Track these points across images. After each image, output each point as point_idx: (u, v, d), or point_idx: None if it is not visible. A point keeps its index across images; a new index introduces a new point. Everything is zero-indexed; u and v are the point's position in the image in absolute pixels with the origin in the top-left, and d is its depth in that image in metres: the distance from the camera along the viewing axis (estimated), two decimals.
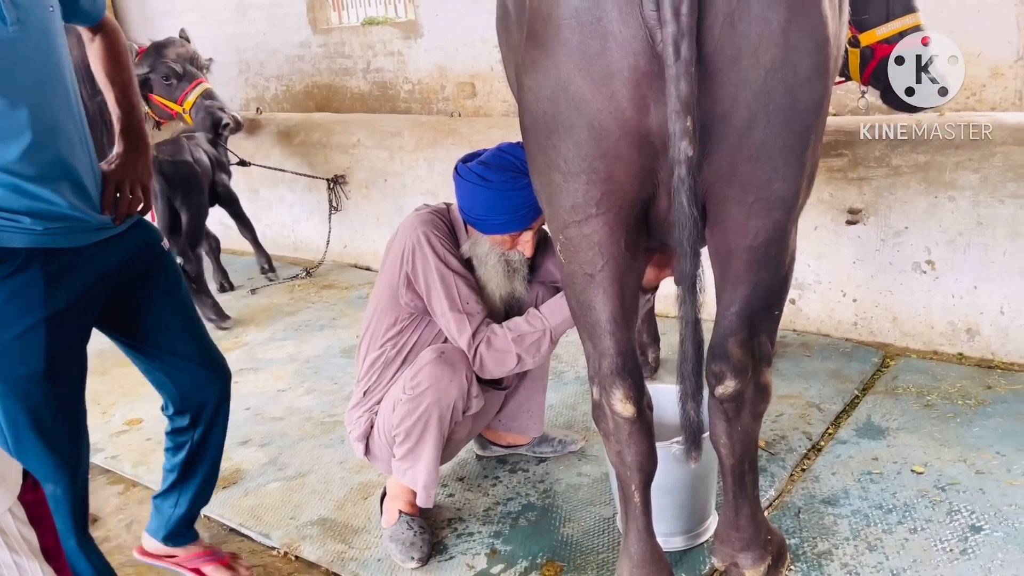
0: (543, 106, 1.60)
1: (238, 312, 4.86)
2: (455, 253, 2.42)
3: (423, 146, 4.98)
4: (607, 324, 1.80)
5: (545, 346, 2.39)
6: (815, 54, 1.53)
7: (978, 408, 2.97)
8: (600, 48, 1.48)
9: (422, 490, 2.49)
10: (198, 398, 2.24)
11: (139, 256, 2.07)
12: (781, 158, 1.61)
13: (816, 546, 2.36)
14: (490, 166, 2.33)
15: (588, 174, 1.61)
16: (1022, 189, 3.11)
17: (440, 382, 2.34)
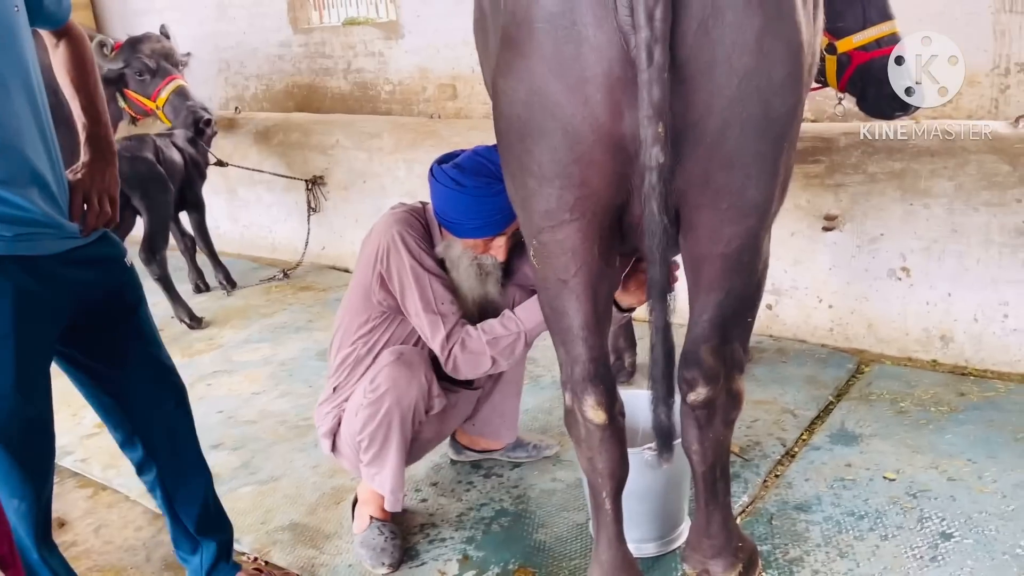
0: (517, 110, 1.59)
1: (213, 313, 4.81)
2: (430, 253, 2.40)
3: (402, 148, 4.95)
4: (579, 330, 1.79)
5: (519, 349, 2.37)
6: (789, 62, 1.53)
7: (951, 415, 2.98)
8: (574, 53, 1.47)
9: (389, 494, 2.47)
10: (150, 424, 2.16)
11: (105, 270, 2.02)
12: (754, 165, 1.60)
13: (788, 552, 2.36)
14: (465, 170, 2.31)
15: (562, 179, 1.59)
16: (996, 197, 3.13)
17: (399, 384, 2.32)
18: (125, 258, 2.09)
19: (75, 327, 1.99)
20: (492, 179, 2.28)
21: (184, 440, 2.26)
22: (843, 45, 2.93)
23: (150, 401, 2.16)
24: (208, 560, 2.32)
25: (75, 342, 2.03)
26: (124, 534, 2.80)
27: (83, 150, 2.04)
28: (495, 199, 2.28)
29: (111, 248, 2.05)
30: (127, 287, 2.09)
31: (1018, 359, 3.22)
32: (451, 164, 2.36)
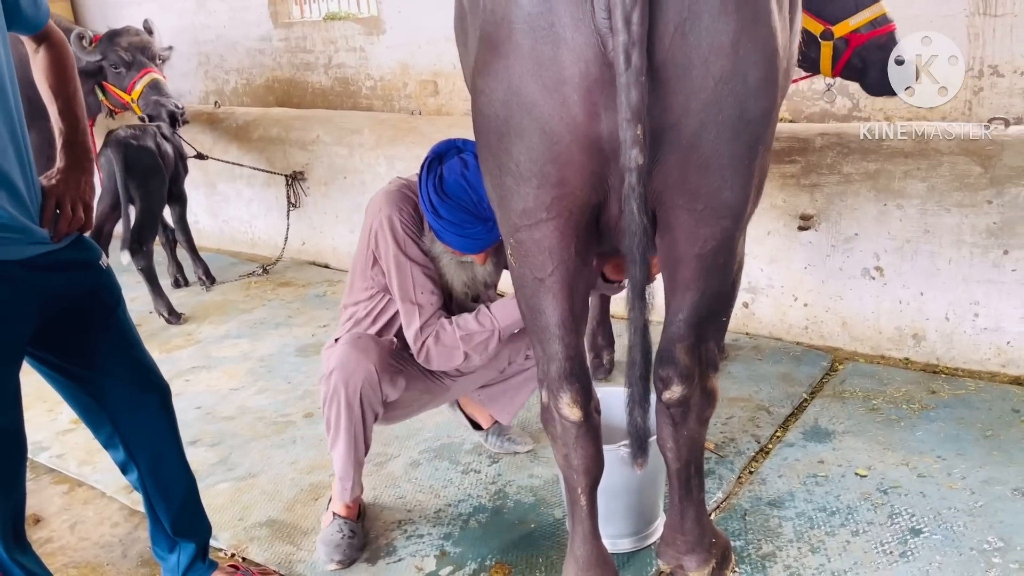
0: (495, 109, 1.60)
1: (192, 309, 4.80)
2: (417, 239, 2.40)
3: (383, 144, 4.95)
4: (556, 328, 1.80)
5: (493, 345, 2.40)
6: (764, 65, 1.55)
7: (922, 412, 3.03)
8: (552, 54, 1.48)
9: (338, 481, 2.50)
10: (132, 425, 2.15)
11: (78, 274, 2.00)
12: (730, 167, 1.62)
13: (760, 548, 2.40)
14: (445, 198, 2.27)
15: (539, 178, 1.61)
16: (967, 198, 3.18)
17: (346, 365, 2.33)
18: (100, 260, 2.08)
19: (50, 331, 1.98)
20: (469, 217, 2.28)
21: (166, 442, 2.25)
22: (840, 29, 2.98)
23: (132, 403, 2.15)
24: (185, 560, 2.32)
25: (50, 346, 2.02)
26: (100, 530, 2.79)
27: (59, 156, 2.02)
28: (466, 239, 2.31)
29: (84, 252, 2.03)
30: (103, 289, 2.08)
31: (988, 358, 3.27)
32: (437, 175, 2.31)
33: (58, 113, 2.05)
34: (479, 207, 2.25)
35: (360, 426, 2.41)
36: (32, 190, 1.87)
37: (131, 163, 4.46)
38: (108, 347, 2.10)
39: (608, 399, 2.22)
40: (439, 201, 2.28)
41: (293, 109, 6.12)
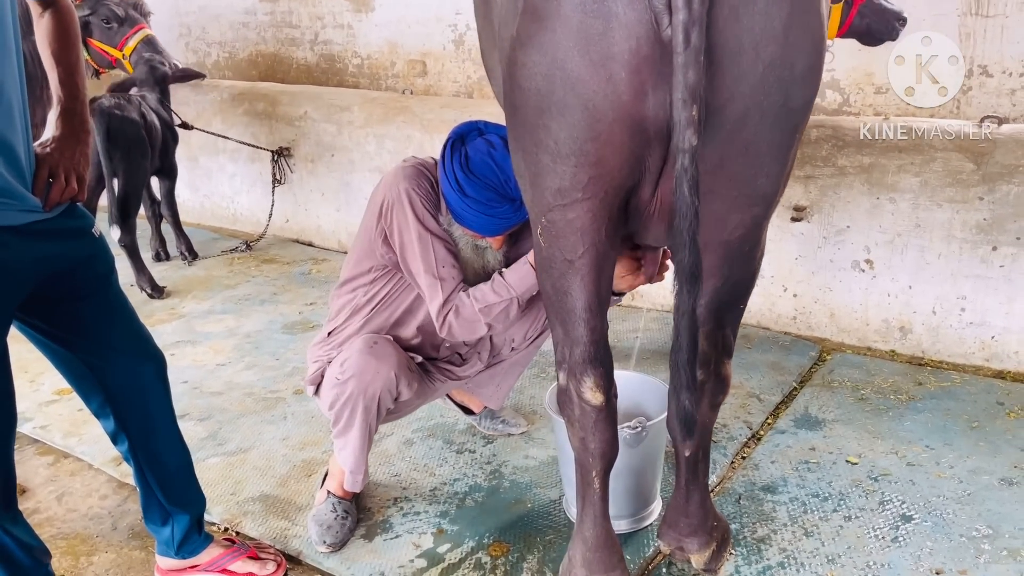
0: (537, 83, 1.56)
1: (175, 283, 4.73)
2: (435, 215, 2.36)
3: (373, 122, 4.90)
4: (583, 312, 1.78)
5: (513, 313, 2.36)
6: (811, 53, 1.55)
7: (909, 403, 3.09)
8: (602, 29, 1.45)
9: (348, 474, 2.48)
10: (126, 394, 2.13)
11: (71, 242, 1.97)
12: (768, 154, 1.62)
13: (756, 531, 2.43)
14: (471, 176, 2.24)
15: (578, 156, 1.57)
16: (959, 194, 3.24)
17: (364, 374, 2.31)
18: (93, 229, 2.04)
19: (42, 298, 1.95)
20: (495, 196, 2.25)
21: (160, 412, 2.23)
22: None
23: (127, 372, 2.12)
24: (180, 532, 2.30)
25: (43, 313, 1.99)
26: (88, 502, 2.75)
27: (56, 124, 1.97)
28: (492, 219, 2.28)
29: (77, 220, 2.00)
30: (96, 258, 2.04)
31: (972, 352, 3.34)
32: (462, 155, 2.28)
33: (58, 81, 2.01)
34: (506, 187, 2.23)
35: (375, 424, 2.42)
36: (30, 158, 1.84)
37: (114, 134, 4.35)
38: (102, 315, 2.07)
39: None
40: (465, 179, 2.24)
41: (280, 84, 6.04)
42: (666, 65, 1.46)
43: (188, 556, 2.33)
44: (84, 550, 2.51)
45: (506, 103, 1.73)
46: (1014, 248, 3.16)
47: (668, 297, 3.90)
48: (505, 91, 1.71)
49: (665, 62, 1.46)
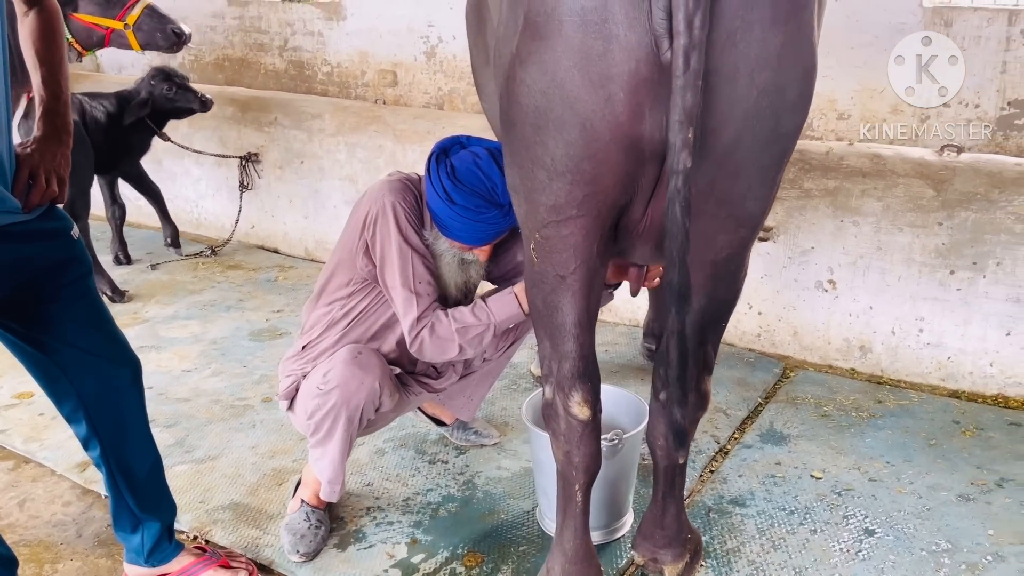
0: (535, 101, 1.59)
1: (137, 287, 4.65)
2: (418, 230, 2.38)
3: (345, 130, 4.89)
4: (572, 327, 1.81)
5: (487, 340, 2.39)
6: (803, 81, 1.60)
7: (870, 420, 3.18)
8: (602, 50, 1.49)
9: (326, 484, 2.47)
10: (100, 398, 2.10)
11: (49, 244, 1.95)
12: (757, 177, 1.67)
13: (725, 544, 2.48)
14: (459, 184, 2.27)
15: (573, 174, 1.61)
16: (919, 219, 3.35)
17: (349, 384, 2.31)
18: (71, 231, 2.03)
19: (18, 300, 1.93)
20: (484, 202, 2.27)
21: (134, 417, 2.21)
22: None
23: (101, 376, 2.10)
24: (150, 540, 2.27)
25: (19, 315, 1.97)
26: (51, 509, 2.70)
27: (37, 125, 1.96)
28: (481, 225, 2.29)
29: (56, 222, 1.98)
30: (73, 260, 2.03)
31: (929, 371, 3.45)
32: (448, 165, 2.30)
33: (41, 81, 1.99)
34: (493, 193, 2.25)
35: (355, 434, 2.42)
36: (11, 159, 1.82)
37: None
38: (79, 318, 2.05)
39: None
40: (453, 187, 2.27)
41: (249, 89, 5.99)
42: (664, 87, 1.50)
43: (158, 564, 2.30)
44: (48, 558, 2.47)
45: (503, 119, 1.75)
46: (970, 272, 3.29)
47: (636, 312, 3.96)
48: (502, 107, 1.74)
49: (663, 84, 1.50)
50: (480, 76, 2.22)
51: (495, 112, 2.01)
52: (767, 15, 1.49)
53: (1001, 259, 3.22)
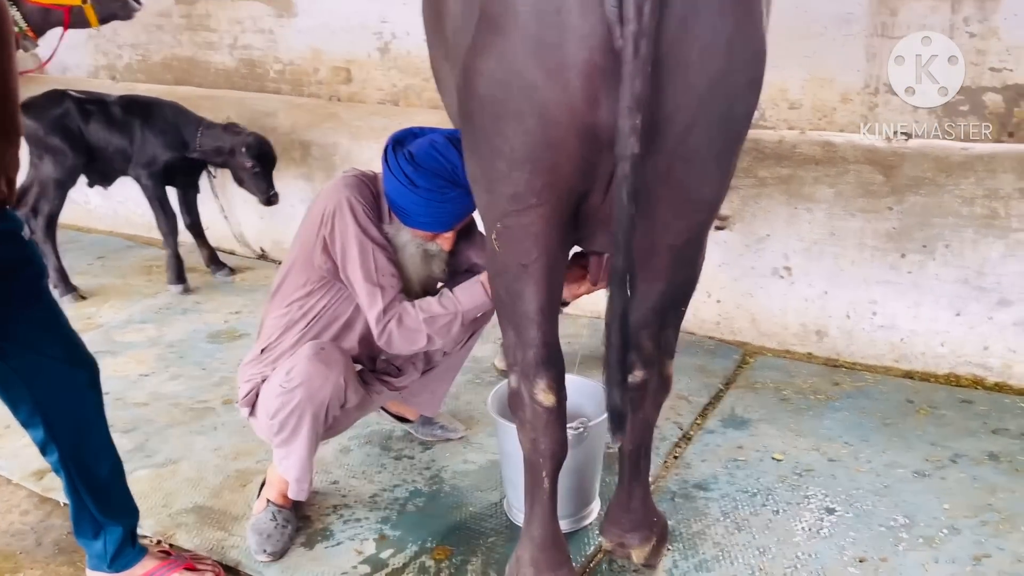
0: (493, 91, 1.60)
1: (89, 292, 4.56)
2: (377, 224, 2.37)
3: (299, 128, 4.84)
4: (535, 315, 1.82)
5: (455, 329, 2.38)
6: (753, 66, 1.63)
7: (827, 403, 3.24)
8: (557, 39, 1.50)
9: (294, 483, 2.46)
10: (57, 402, 2.07)
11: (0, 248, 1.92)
12: (712, 163, 1.70)
13: (691, 527, 2.51)
14: (419, 168, 2.26)
15: (533, 163, 1.62)
16: (871, 204, 3.42)
17: (313, 380, 2.29)
18: (23, 231, 1.99)
19: None
20: (446, 183, 2.26)
21: (92, 420, 2.18)
22: None
23: (59, 379, 2.07)
24: (112, 544, 2.24)
25: None
26: (9, 518, 2.64)
27: None
28: (445, 205, 2.28)
29: (7, 223, 1.94)
30: (26, 261, 1.99)
31: (883, 353, 3.53)
32: (406, 153, 2.29)
33: None
34: (454, 173, 2.24)
35: (321, 431, 2.40)
36: None
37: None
38: (34, 320, 2.02)
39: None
40: (414, 171, 2.25)
41: (201, 89, 5.90)
42: (618, 75, 1.51)
43: (122, 569, 2.26)
44: (7, 567, 2.41)
45: (461, 111, 1.75)
46: (920, 255, 3.37)
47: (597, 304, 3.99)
48: (460, 99, 1.74)
49: (617, 72, 1.51)
50: (439, 71, 2.22)
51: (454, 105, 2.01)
52: (716, 2, 1.52)
53: (950, 241, 3.30)
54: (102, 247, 5.30)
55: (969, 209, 3.27)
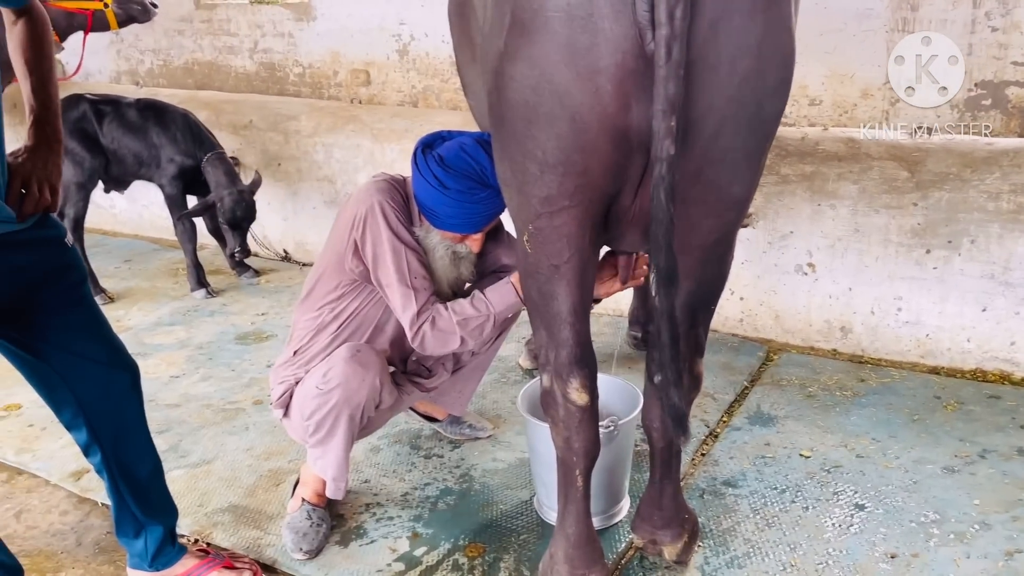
0: (525, 96, 1.62)
1: (118, 295, 4.63)
2: (408, 228, 2.39)
3: (321, 131, 4.89)
4: (568, 315, 1.85)
5: (488, 330, 2.41)
6: (783, 67, 1.65)
7: (854, 399, 3.25)
8: (589, 44, 1.52)
9: (331, 481, 2.49)
10: (99, 404, 2.11)
11: (43, 252, 1.96)
12: (743, 162, 1.72)
13: (721, 524, 2.53)
14: (449, 170, 2.28)
15: (565, 166, 1.64)
16: (895, 200, 3.42)
17: (350, 382, 2.33)
18: (65, 238, 2.03)
19: (15, 309, 1.94)
20: (476, 184, 2.28)
21: (134, 422, 2.22)
22: None
23: (101, 382, 2.11)
24: (153, 544, 2.28)
25: (16, 324, 1.97)
26: (49, 519, 2.69)
27: (28, 134, 1.97)
28: (476, 206, 2.31)
29: (49, 230, 1.99)
30: (68, 267, 2.04)
31: (909, 349, 3.53)
32: (435, 156, 2.32)
33: (31, 90, 2.00)
34: (483, 174, 2.27)
35: (356, 432, 2.44)
36: (2, 169, 1.83)
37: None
38: (76, 325, 2.06)
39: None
40: (444, 173, 2.28)
41: (222, 92, 5.95)
42: (649, 78, 1.53)
43: (162, 568, 2.30)
44: (49, 567, 2.46)
45: (492, 115, 1.78)
46: (946, 251, 3.37)
47: (620, 302, 4.01)
48: (491, 103, 1.76)
49: (649, 75, 1.53)
50: (466, 74, 2.24)
51: (482, 108, 2.04)
52: (746, 4, 1.54)
53: (975, 237, 3.30)
54: (128, 250, 5.37)
55: (995, 204, 3.26)
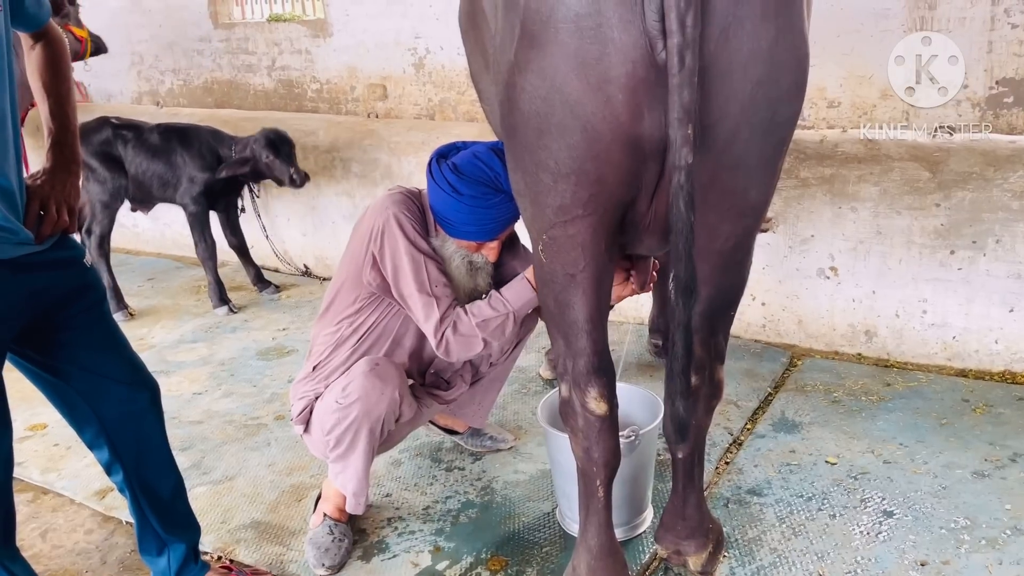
0: (536, 106, 1.62)
1: (140, 313, 4.66)
2: (425, 237, 2.39)
3: (339, 146, 4.91)
4: (585, 324, 1.84)
5: (509, 329, 2.39)
6: (796, 71, 1.63)
7: (880, 404, 3.20)
8: (599, 54, 1.51)
9: (351, 496, 2.48)
10: (121, 423, 2.11)
11: (63, 273, 1.97)
12: (758, 167, 1.70)
13: (746, 533, 2.49)
14: (463, 176, 2.29)
15: (578, 175, 1.63)
16: (917, 201, 3.38)
17: (370, 396, 2.32)
18: (84, 258, 2.05)
19: (35, 329, 1.95)
20: (490, 190, 2.28)
21: (155, 440, 2.22)
22: None
23: (122, 400, 2.12)
24: (176, 561, 2.28)
25: (37, 344, 1.98)
26: (74, 538, 2.70)
27: (47, 156, 1.98)
28: (490, 211, 2.30)
29: (68, 251, 2.01)
30: (88, 287, 2.05)
31: (935, 352, 3.47)
32: (449, 164, 2.33)
33: (49, 112, 2.02)
34: (497, 181, 2.27)
35: (376, 445, 2.44)
36: (21, 191, 1.85)
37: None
38: (95, 344, 2.07)
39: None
40: (458, 180, 2.28)
41: (241, 110, 6.01)
42: (661, 86, 1.53)
43: None
44: None
45: (504, 125, 1.77)
46: (970, 251, 3.31)
47: (641, 310, 3.98)
48: (503, 114, 1.76)
49: (660, 84, 1.53)
50: (480, 81, 2.25)
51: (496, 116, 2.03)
52: (757, 10, 1.52)
53: (1000, 236, 3.24)
54: (151, 268, 5.42)
55: (1020, 203, 3.20)
